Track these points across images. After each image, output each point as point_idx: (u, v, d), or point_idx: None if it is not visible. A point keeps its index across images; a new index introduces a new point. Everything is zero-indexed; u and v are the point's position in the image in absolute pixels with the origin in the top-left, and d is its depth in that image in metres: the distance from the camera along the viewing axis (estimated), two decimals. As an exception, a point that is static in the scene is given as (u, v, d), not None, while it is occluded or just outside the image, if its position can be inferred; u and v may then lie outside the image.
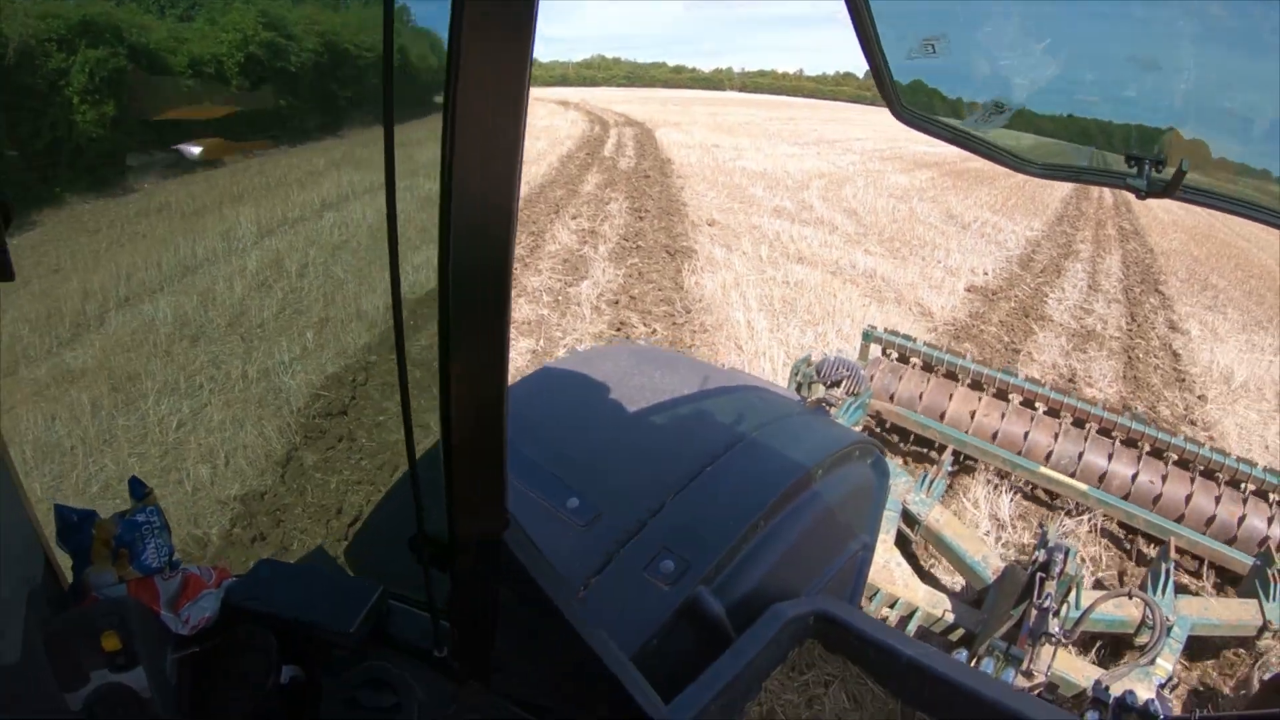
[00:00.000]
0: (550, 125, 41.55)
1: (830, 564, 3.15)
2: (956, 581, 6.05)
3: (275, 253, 10.15)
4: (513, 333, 10.26)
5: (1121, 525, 6.85)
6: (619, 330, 10.83)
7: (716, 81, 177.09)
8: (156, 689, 1.76)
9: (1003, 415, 7.12)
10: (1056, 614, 4.41)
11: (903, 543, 5.85)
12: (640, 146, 34.47)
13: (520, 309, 11.32)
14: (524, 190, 20.22)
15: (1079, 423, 6.98)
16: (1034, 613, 4.37)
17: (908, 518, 5.96)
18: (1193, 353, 12.52)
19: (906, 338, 7.71)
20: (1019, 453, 6.95)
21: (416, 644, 2.01)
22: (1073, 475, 6.71)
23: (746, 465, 2.99)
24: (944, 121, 2.28)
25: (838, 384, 6.62)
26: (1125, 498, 6.53)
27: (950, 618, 5.16)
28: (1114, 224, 25.15)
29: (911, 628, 5.10)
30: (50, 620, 1.74)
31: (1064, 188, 30.69)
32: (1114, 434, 6.81)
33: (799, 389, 6.62)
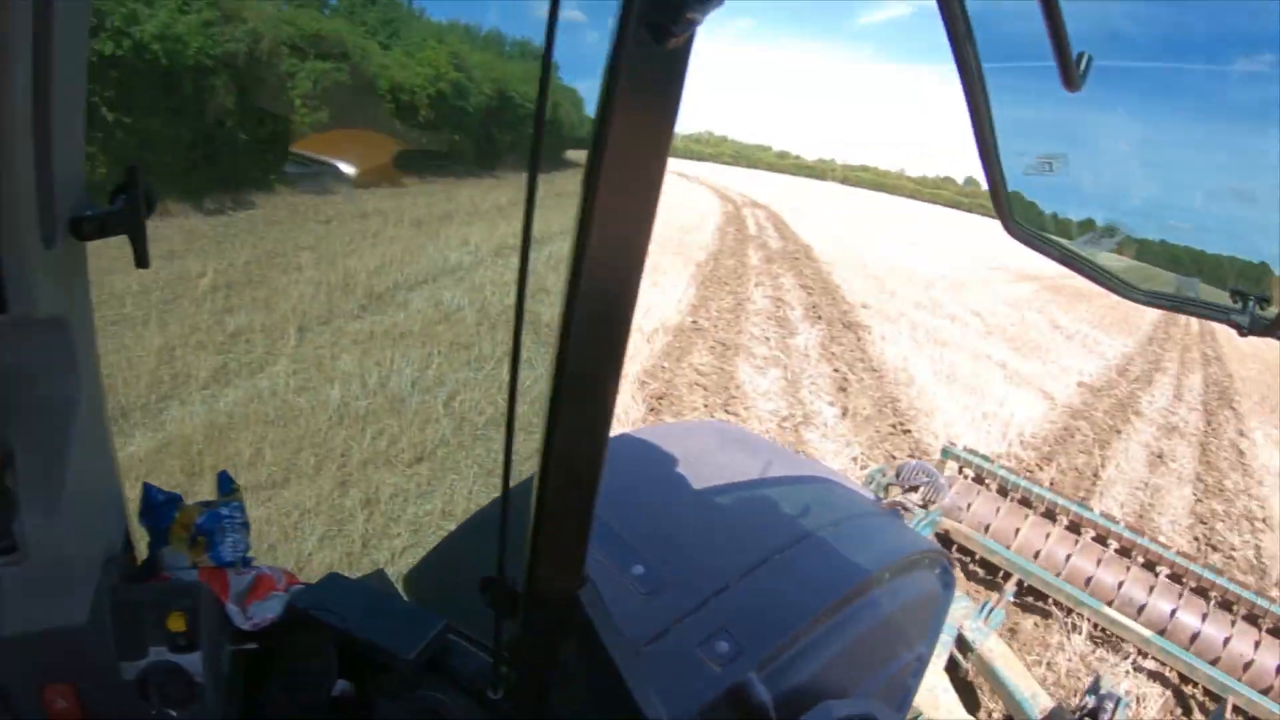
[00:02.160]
0: (683, 200, 44.92)
1: (883, 670, 3.18)
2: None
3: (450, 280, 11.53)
4: (764, 362, 13.87)
5: (1179, 675, 6.72)
6: (837, 371, 14.00)
7: (820, 171, 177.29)
8: (210, 676, 1.83)
9: (1072, 550, 7.09)
10: None
11: (952, 669, 5.84)
12: (777, 229, 37.55)
13: (758, 350, 14.46)
14: (701, 254, 24.21)
15: (1149, 565, 6.92)
16: None
17: (961, 644, 5.90)
18: (1255, 452, 15.44)
19: (985, 458, 7.74)
20: (1085, 590, 6.90)
21: (470, 682, 2.05)
22: (1137, 619, 6.65)
23: (815, 558, 3.05)
24: (1054, 240, 2.30)
25: (915, 489, 6.74)
26: (1188, 649, 6.43)
27: None
28: (1198, 349, 27.96)
29: None
30: (121, 589, 1.80)
31: (1155, 311, 33.67)
32: (1184, 580, 6.74)
33: (875, 489, 6.81)
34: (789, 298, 20.01)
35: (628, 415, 10.17)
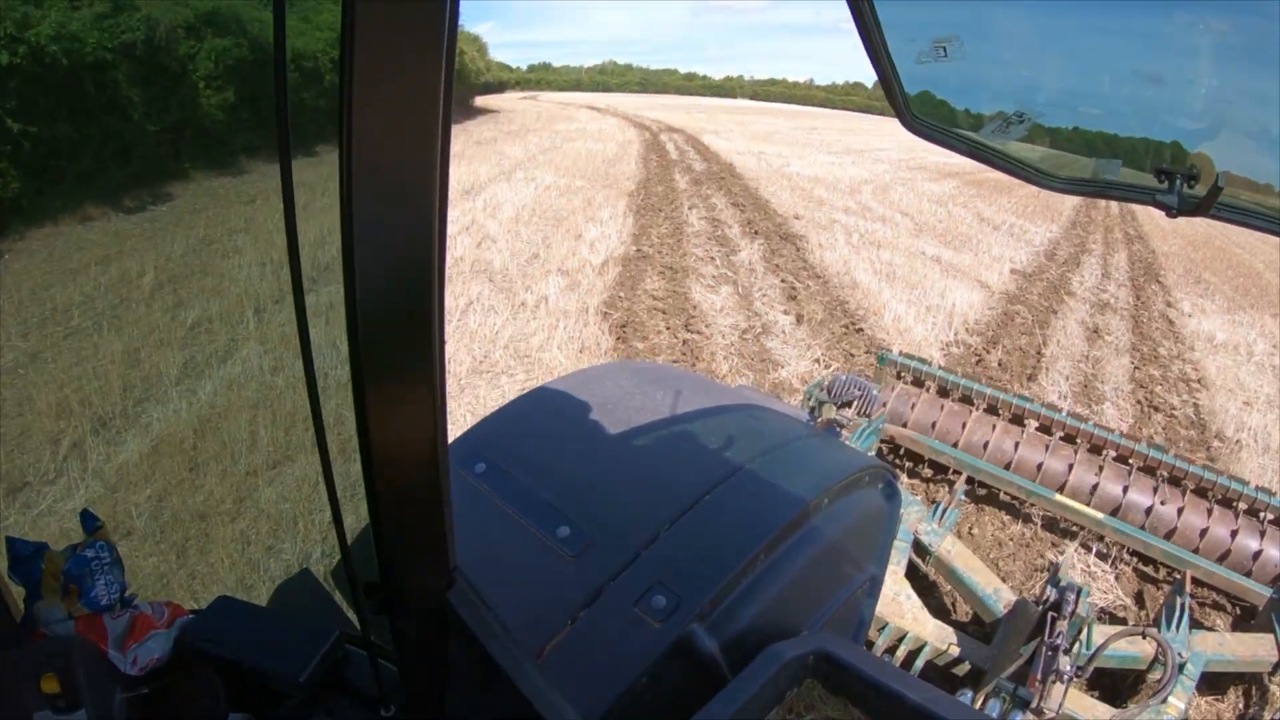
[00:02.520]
0: (601, 129, 45.47)
1: (834, 598, 3.09)
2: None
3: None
4: (724, 280, 14.41)
5: (1136, 555, 6.87)
6: (784, 281, 14.60)
7: (728, 89, 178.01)
8: None
9: (1018, 442, 7.10)
10: (1068, 651, 4.40)
11: (913, 574, 5.86)
12: (698, 151, 38.21)
13: (706, 270, 14.95)
14: (631, 185, 24.54)
15: (1095, 449, 6.96)
16: (1045, 651, 4.38)
17: (919, 548, 5.89)
18: (1184, 321, 16.33)
19: (922, 361, 7.72)
20: (1034, 480, 6.93)
21: (371, 694, 1.96)
22: (1088, 503, 6.68)
23: (748, 494, 2.94)
24: (958, 133, 2.21)
25: (849, 404, 6.66)
26: (1142, 527, 6.49)
27: (959, 652, 5.15)
28: (1120, 229, 28.97)
29: (919, 663, 5.05)
30: None
31: (1076, 197, 34.73)
32: (1131, 461, 6.78)
33: (812, 412, 6.74)
34: (723, 217, 20.68)
35: (598, 346, 10.78)
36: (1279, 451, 10.09)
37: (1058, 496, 6.76)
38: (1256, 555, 6.11)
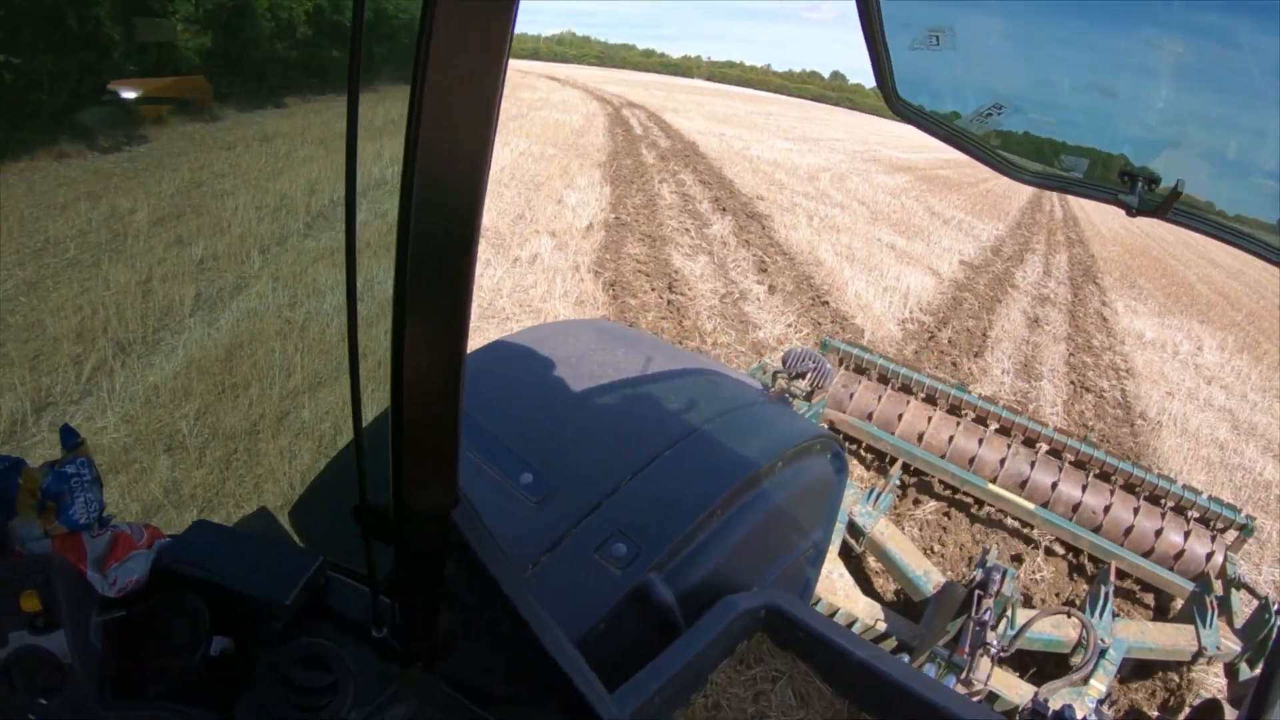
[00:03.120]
0: (564, 100, 45.64)
1: (782, 559, 3.16)
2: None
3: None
4: (700, 250, 15.33)
5: (1065, 545, 7.05)
6: (755, 255, 15.63)
7: (685, 68, 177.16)
8: (78, 654, 1.69)
9: (954, 432, 7.20)
10: (994, 628, 4.51)
11: (845, 554, 5.97)
12: (661, 128, 38.74)
13: (682, 240, 15.89)
14: (601, 155, 25.23)
15: (1029, 442, 7.08)
16: (972, 626, 4.48)
17: (853, 529, 6.00)
18: (1117, 318, 18.06)
19: (864, 349, 7.81)
20: (968, 469, 7.04)
21: (358, 620, 1.96)
22: (1020, 494, 6.81)
23: (706, 452, 3.00)
24: (939, 118, 2.27)
25: (802, 376, 6.63)
26: (1070, 519, 6.64)
27: (887, 628, 5.28)
28: (1063, 232, 30.91)
29: None
30: None
31: (1022, 197, 36.55)
32: (1063, 455, 6.92)
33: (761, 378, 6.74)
34: (692, 192, 21.58)
35: (595, 300, 11.55)
36: (1194, 434, 11.50)
37: (990, 486, 6.88)
38: (1179, 553, 6.28)
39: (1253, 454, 11.29)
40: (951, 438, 7.20)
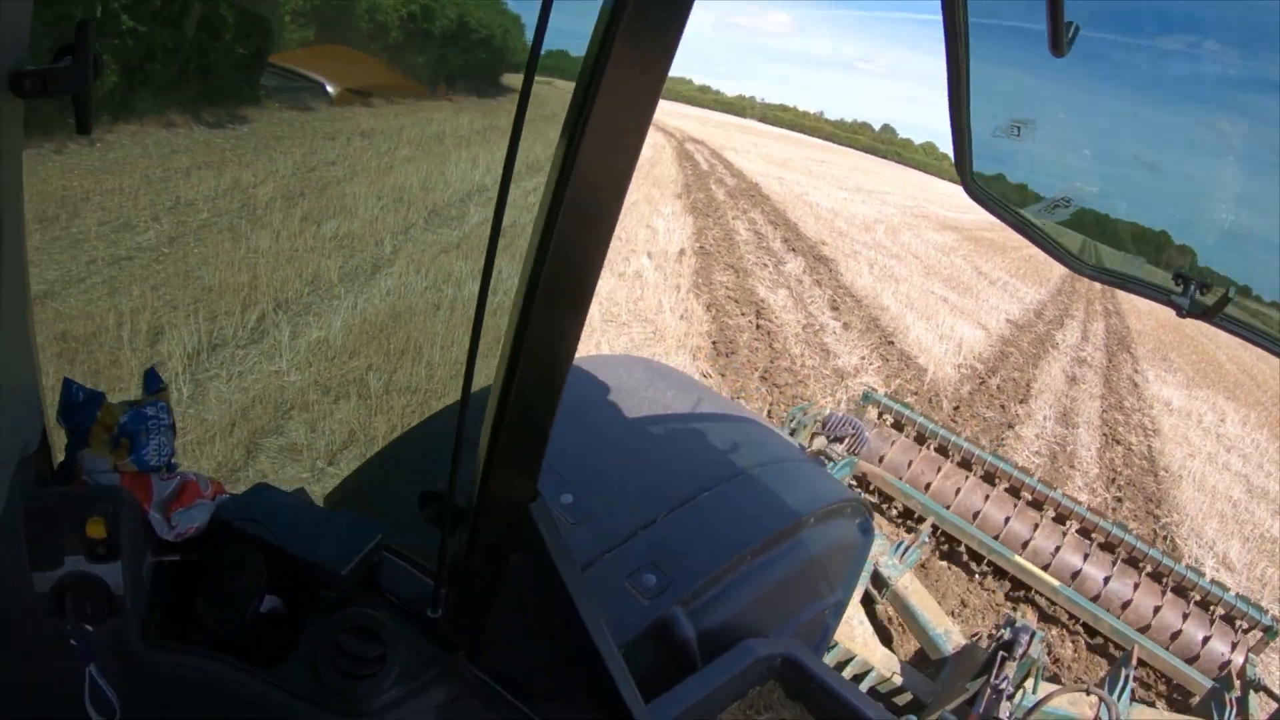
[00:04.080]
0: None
1: (803, 613, 3.19)
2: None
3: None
4: (779, 284, 16.68)
5: (1086, 627, 6.87)
6: (827, 294, 17.06)
7: (739, 108, 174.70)
8: (131, 588, 1.70)
9: (986, 498, 7.11)
10: (1010, 698, 4.48)
11: (867, 603, 5.93)
12: (724, 166, 40.50)
13: (762, 274, 17.31)
14: (675, 187, 26.85)
15: (1060, 519, 6.98)
16: (989, 692, 4.43)
17: (877, 580, 5.95)
18: (1148, 385, 19.63)
19: (905, 405, 7.76)
20: (996, 538, 6.93)
21: (405, 600, 1.97)
22: (1046, 569, 6.70)
23: (743, 498, 3.06)
24: (1010, 206, 2.27)
25: (840, 440, 6.74)
26: (1095, 600, 6.50)
27: (902, 683, 5.23)
28: (1100, 303, 32.27)
29: (863, 687, 5.10)
30: (35, 492, 1.67)
31: (1062, 266, 37.43)
32: (1093, 535, 6.81)
33: (792, 433, 6.80)
34: (764, 231, 23.10)
35: (698, 317, 12.83)
36: (1210, 490, 12.66)
37: (1017, 557, 6.79)
38: (1204, 642, 6.16)
39: (1262, 514, 12.37)
40: (986, 499, 7.16)
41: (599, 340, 10.55)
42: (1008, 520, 6.99)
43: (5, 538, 1.57)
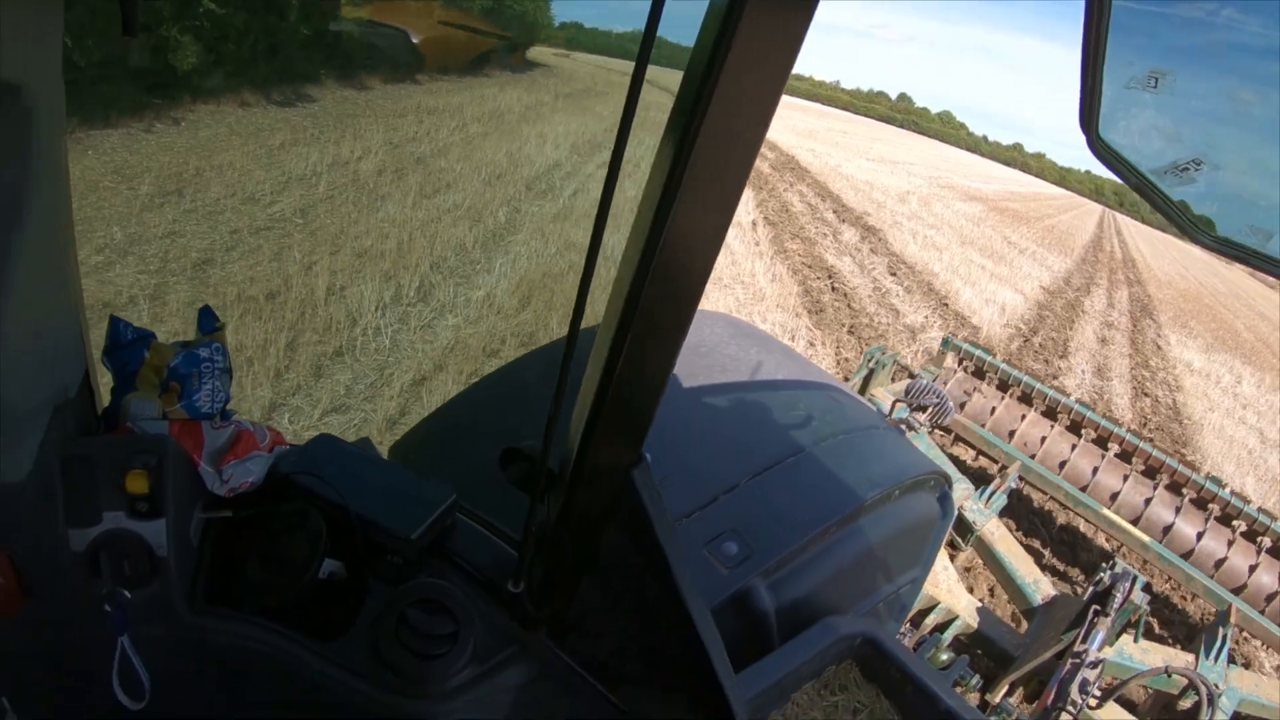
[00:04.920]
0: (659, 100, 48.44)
1: (881, 589, 3.08)
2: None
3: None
4: (844, 251, 18.10)
5: (1171, 584, 6.66)
6: (887, 263, 18.24)
7: None
8: (175, 548, 1.57)
9: (1073, 448, 6.87)
10: (1094, 665, 4.29)
11: (950, 547, 5.76)
12: (760, 138, 41.46)
13: (825, 243, 18.42)
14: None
15: (1150, 472, 6.68)
16: (1069, 662, 4.27)
17: (960, 525, 5.73)
18: (1170, 348, 21.76)
19: (986, 351, 7.49)
20: (1083, 490, 6.66)
21: (481, 570, 1.80)
22: (1135, 524, 6.40)
23: (826, 469, 2.90)
24: (1134, 165, 1.98)
25: (924, 409, 6.49)
26: (1186, 557, 6.20)
27: (987, 632, 5.05)
28: (1122, 272, 34.62)
29: (948, 635, 4.93)
30: (74, 441, 1.55)
31: (1084, 235, 39.36)
32: (1184, 491, 6.50)
33: (870, 374, 6.84)
34: (814, 203, 24.28)
35: (784, 278, 14.11)
36: (1229, 439, 14.19)
37: (1105, 511, 6.50)
38: None
39: (1274, 461, 13.60)
40: (1071, 450, 6.91)
41: (709, 299, 10.78)
42: (1096, 470, 6.74)
43: (41, 489, 1.46)
